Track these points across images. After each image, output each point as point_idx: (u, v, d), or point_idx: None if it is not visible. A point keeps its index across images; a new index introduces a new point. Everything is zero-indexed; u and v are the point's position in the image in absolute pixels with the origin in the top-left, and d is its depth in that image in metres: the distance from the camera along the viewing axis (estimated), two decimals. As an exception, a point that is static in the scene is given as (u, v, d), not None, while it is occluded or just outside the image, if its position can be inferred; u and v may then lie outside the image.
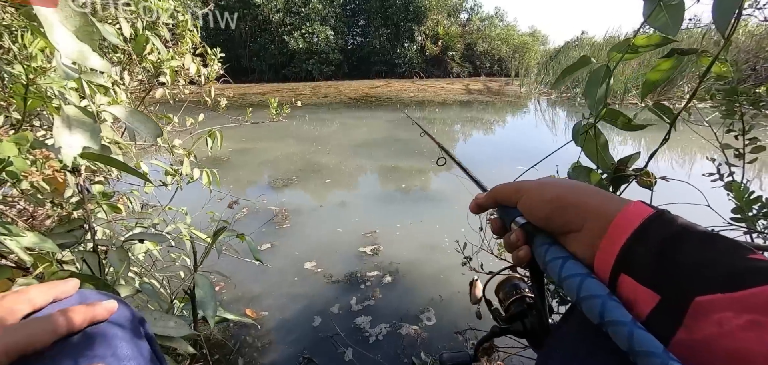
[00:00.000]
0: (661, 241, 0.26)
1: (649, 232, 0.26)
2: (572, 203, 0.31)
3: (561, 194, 0.32)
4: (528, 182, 0.35)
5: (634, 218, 0.27)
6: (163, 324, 0.41)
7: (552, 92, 9.19)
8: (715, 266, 0.23)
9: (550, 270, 0.31)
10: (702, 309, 0.22)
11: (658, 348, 0.22)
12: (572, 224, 0.31)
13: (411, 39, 16.12)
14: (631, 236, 0.27)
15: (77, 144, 0.38)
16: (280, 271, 1.71)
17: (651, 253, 0.26)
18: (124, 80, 1.31)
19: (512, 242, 0.35)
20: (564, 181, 0.34)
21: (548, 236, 0.33)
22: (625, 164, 0.53)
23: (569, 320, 0.33)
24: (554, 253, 0.31)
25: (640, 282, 0.25)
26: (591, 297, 0.26)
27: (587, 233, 0.29)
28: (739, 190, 0.72)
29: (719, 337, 0.21)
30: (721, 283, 0.22)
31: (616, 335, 0.24)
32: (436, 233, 2.05)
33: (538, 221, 0.33)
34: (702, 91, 0.86)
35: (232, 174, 3.24)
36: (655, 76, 0.48)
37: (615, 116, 0.51)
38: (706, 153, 3.44)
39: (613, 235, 0.28)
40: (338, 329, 1.33)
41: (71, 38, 0.37)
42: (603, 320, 0.25)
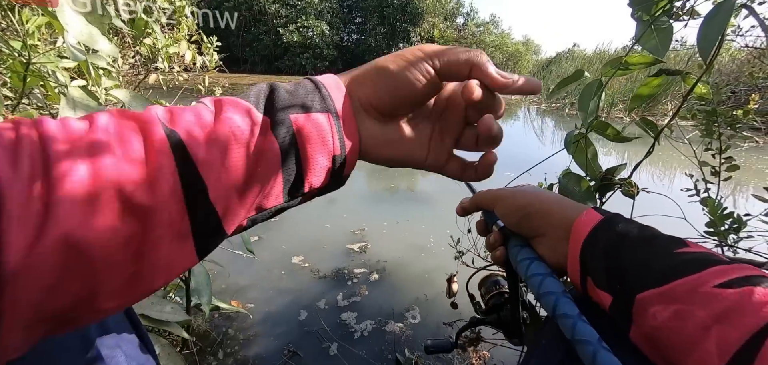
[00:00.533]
0: (607, 246, 0.28)
1: (597, 238, 0.29)
2: (538, 211, 0.35)
3: (529, 202, 0.36)
4: (504, 190, 0.39)
5: (584, 226, 0.30)
6: (159, 308, 0.42)
7: (542, 101, 9.36)
8: (651, 264, 0.26)
9: (519, 269, 0.35)
10: (642, 305, 0.25)
11: (593, 337, 0.25)
12: (538, 229, 0.34)
13: (406, 40, 16.17)
14: (583, 243, 0.30)
15: (81, 125, 0.39)
16: (267, 264, 1.71)
17: (600, 258, 0.28)
18: (118, 63, 1.30)
19: (492, 243, 0.39)
20: (533, 190, 0.38)
21: (522, 238, 0.37)
22: (613, 173, 0.56)
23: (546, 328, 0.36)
24: (524, 255, 0.35)
25: (597, 285, 0.29)
26: (548, 293, 0.30)
27: (550, 238, 0.33)
28: (714, 206, 0.77)
29: (656, 329, 0.24)
30: (655, 279, 0.25)
31: (564, 326, 0.28)
32: (423, 234, 2.08)
33: (511, 225, 0.37)
34: (684, 110, 0.91)
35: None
36: (645, 91, 0.52)
37: (604, 127, 0.54)
38: (685, 169, 3.58)
39: (573, 243, 0.31)
40: (324, 323, 1.34)
41: (81, 21, 0.38)
42: (555, 313, 0.29)
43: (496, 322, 0.45)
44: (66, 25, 0.37)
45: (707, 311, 0.22)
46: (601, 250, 0.29)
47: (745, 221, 0.77)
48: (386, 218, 2.27)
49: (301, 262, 1.74)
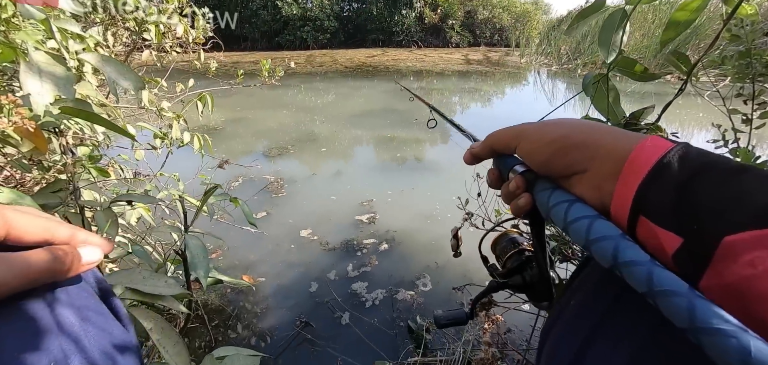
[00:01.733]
0: (683, 177, 0.23)
1: (668, 168, 0.23)
2: (577, 142, 0.28)
3: (565, 133, 0.29)
4: (528, 125, 0.32)
5: (651, 154, 0.24)
6: (152, 283, 0.40)
7: (552, 63, 9.03)
8: (745, 201, 0.21)
9: (554, 216, 0.28)
10: (732, 249, 0.20)
11: (682, 287, 0.20)
12: (576, 165, 0.28)
13: (409, 6, 15.61)
14: (648, 174, 0.24)
15: (47, 93, 0.35)
16: (276, 239, 1.71)
17: (670, 192, 0.23)
18: (108, 41, 1.25)
19: (511, 191, 0.33)
20: (568, 120, 0.31)
21: (550, 180, 0.30)
22: (638, 117, 0.50)
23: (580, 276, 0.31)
24: (559, 197, 0.28)
25: (659, 224, 0.23)
26: (603, 238, 0.24)
27: (594, 173, 0.27)
28: (746, 154, 0.71)
29: (754, 279, 0.19)
30: (753, 220, 0.20)
31: (632, 277, 0.22)
32: (432, 202, 2.05)
33: (540, 165, 0.31)
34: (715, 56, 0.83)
35: (226, 144, 3.19)
36: (682, 16, 0.45)
37: (630, 64, 0.48)
38: (710, 122, 3.43)
39: (628, 175, 0.25)
40: (335, 294, 1.34)
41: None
42: (616, 262, 0.23)
43: (520, 285, 0.39)
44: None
45: None
46: (674, 181, 0.23)
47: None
48: (394, 188, 2.24)
49: (310, 235, 1.73)
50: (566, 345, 0.28)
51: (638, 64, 0.47)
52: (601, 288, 0.28)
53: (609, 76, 0.49)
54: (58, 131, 0.65)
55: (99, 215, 0.54)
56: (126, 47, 1.44)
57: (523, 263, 0.39)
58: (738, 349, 0.17)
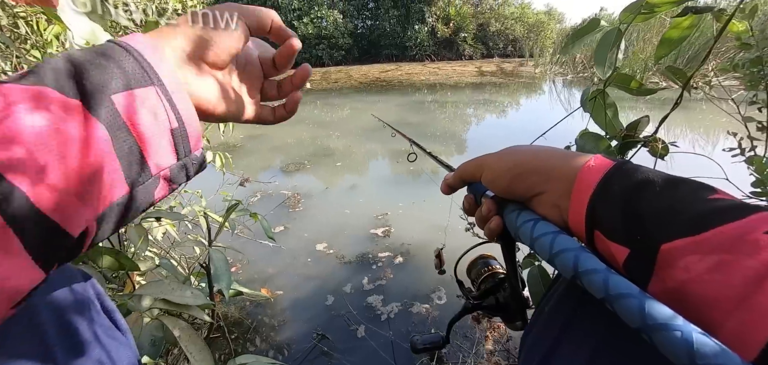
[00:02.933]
0: (623, 193, 0.25)
1: (610, 185, 0.26)
2: (532, 167, 0.31)
3: (520, 160, 0.32)
4: (488, 156, 0.35)
5: (594, 173, 0.27)
6: (180, 293, 0.43)
7: (568, 71, 8.93)
8: (678, 211, 0.23)
9: (521, 235, 0.31)
10: (669, 256, 0.22)
11: (634, 290, 0.22)
12: (535, 188, 0.31)
13: (422, 21, 15.80)
14: (594, 192, 0.26)
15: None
16: (293, 252, 1.74)
17: (615, 207, 0.25)
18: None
19: (483, 215, 0.35)
20: (522, 147, 0.34)
21: (516, 203, 0.33)
22: (634, 129, 0.51)
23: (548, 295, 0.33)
24: (525, 217, 0.31)
25: (609, 238, 0.25)
26: (564, 250, 0.26)
27: (551, 194, 0.30)
28: (761, 163, 0.70)
29: (688, 283, 0.21)
30: (685, 228, 0.22)
31: (591, 284, 0.24)
32: (446, 214, 2.05)
33: (502, 191, 0.33)
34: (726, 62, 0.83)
35: (245, 160, 3.29)
36: (674, 34, 0.46)
37: (626, 80, 0.49)
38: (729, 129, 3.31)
39: (578, 193, 0.27)
40: (351, 307, 1.36)
41: (83, 19, 0.38)
42: (577, 272, 0.25)
43: (494, 307, 0.40)
44: (69, 25, 0.38)
45: (759, 260, 0.19)
46: (616, 197, 0.25)
47: (798, 177, 0.69)
48: (408, 201, 2.26)
49: (326, 249, 1.76)
50: (538, 347, 0.31)
51: (634, 80, 0.49)
52: (566, 296, 0.30)
53: (606, 91, 0.50)
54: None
55: (131, 231, 0.58)
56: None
57: (496, 285, 0.41)
58: (683, 342, 0.19)
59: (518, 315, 0.38)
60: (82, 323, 0.31)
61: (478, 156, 0.37)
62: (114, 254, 0.47)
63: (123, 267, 0.49)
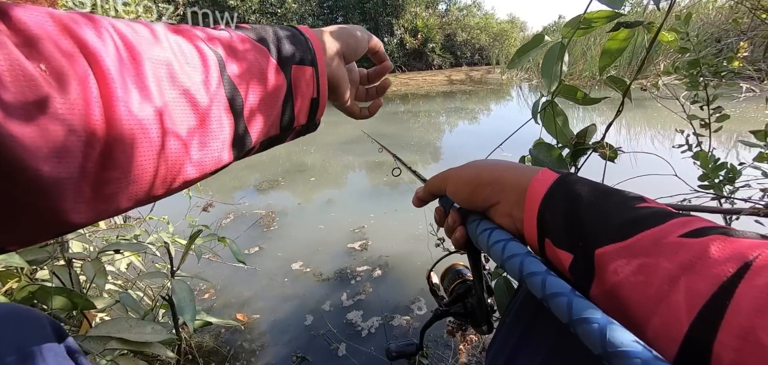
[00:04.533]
0: (564, 203, 0.27)
1: (554, 197, 0.28)
2: (487, 180, 0.34)
3: (477, 174, 0.35)
4: (451, 170, 0.38)
5: (541, 186, 0.29)
6: (138, 330, 0.41)
7: (533, 77, 9.32)
8: (609, 218, 0.25)
9: (480, 243, 0.33)
10: (602, 260, 0.24)
11: (565, 288, 0.24)
12: (491, 199, 0.33)
13: (390, 33, 16.07)
14: (541, 202, 0.29)
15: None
16: (269, 273, 1.70)
17: (559, 216, 0.27)
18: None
19: (449, 226, 0.38)
20: (481, 162, 0.37)
21: (477, 213, 0.35)
22: (583, 137, 0.54)
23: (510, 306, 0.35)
24: (483, 226, 0.33)
25: (556, 245, 0.27)
26: (512, 256, 0.28)
27: (504, 204, 0.32)
28: (706, 158, 0.75)
29: (618, 285, 0.23)
30: (615, 234, 0.24)
31: (532, 285, 0.26)
32: (423, 223, 2.06)
33: (464, 202, 0.36)
34: (668, 65, 0.89)
35: (216, 180, 3.19)
36: (613, 45, 0.50)
37: (572, 91, 0.52)
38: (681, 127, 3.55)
39: (529, 204, 0.30)
40: (330, 325, 1.34)
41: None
42: (522, 275, 0.27)
43: (461, 313, 0.42)
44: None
45: (673, 262, 0.21)
46: (559, 207, 0.28)
47: (740, 170, 0.75)
48: (385, 212, 2.26)
49: (303, 267, 1.73)
50: (500, 357, 0.32)
51: (579, 91, 0.52)
52: (525, 305, 0.32)
53: (554, 102, 0.53)
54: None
55: (87, 266, 0.54)
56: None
57: (464, 292, 0.43)
58: (598, 332, 0.21)
59: (483, 320, 0.40)
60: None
61: (444, 170, 0.39)
62: (66, 294, 0.44)
63: (76, 307, 0.46)
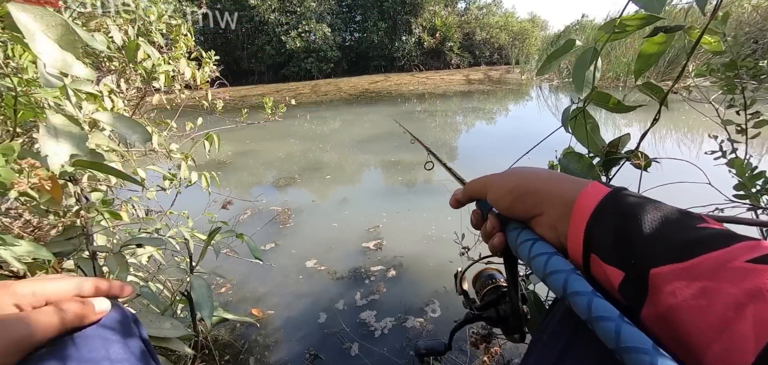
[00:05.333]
0: (617, 219, 0.26)
1: (605, 212, 0.27)
2: (530, 190, 0.33)
3: (519, 182, 0.34)
4: (493, 176, 0.37)
5: (591, 199, 0.28)
6: (158, 326, 0.41)
7: (554, 77, 9.10)
8: (666, 237, 0.24)
9: (520, 253, 0.32)
10: (657, 281, 0.23)
11: (613, 313, 0.23)
12: (534, 209, 0.32)
13: (409, 32, 16.02)
14: (590, 217, 0.28)
15: (64, 152, 0.38)
16: (285, 270, 1.72)
17: (609, 232, 0.26)
18: (121, 88, 1.32)
19: (488, 231, 0.37)
20: (524, 169, 0.36)
21: (519, 222, 0.34)
22: (616, 146, 0.52)
23: (552, 311, 0.34)
24: (524, 236, 0.32)
25: (605, 261, 0.26)
26: (556, 271, 0.28)
27: (548, 216, 0.31)
28: (742, 166, 0.71)
29: (675, 308, 0.22)
30: (673, 254, 0.23)
31: (576, 305, 0.25)
32: (439, 226, 2.04)
33: (505, 210, 0.35)
34: (701, 67, 0.85)
35: (236, 176, 3.25)
36: (650, 49, 0.47)
37: (605, 98, 0.50)
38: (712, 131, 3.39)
39: (576, 218, 0.29)
40: (344, 324, 1.34)
41: (54, 47, 0.37)
42: (565, 292, 0.26)
43: (494, 318, 0.42)
44: (39, 54, 0.37)
45: (740, 288, 0.20)
46: (610, 223, 0.26)
47: (779, 178, 0.70)
48: (401, 213, 2.25)
49: (318, 265, 1.74)
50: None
51: (612, 97, 0.49)
52: (565, 322, 0.30)
53: (585, 109, 0.50)
54: (73, 180, 0.68)
55: (110, 260, 0.56)
56: (138, 91, 1.51)
57: (498, 298, 0.42)
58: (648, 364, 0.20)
59: (516, 328, 0.40)
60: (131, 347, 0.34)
61: (485, 175, 0.39)
62: (90, 288, 0.45)
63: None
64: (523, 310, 0.39)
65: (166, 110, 1.59)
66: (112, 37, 0.86)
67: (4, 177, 0.35)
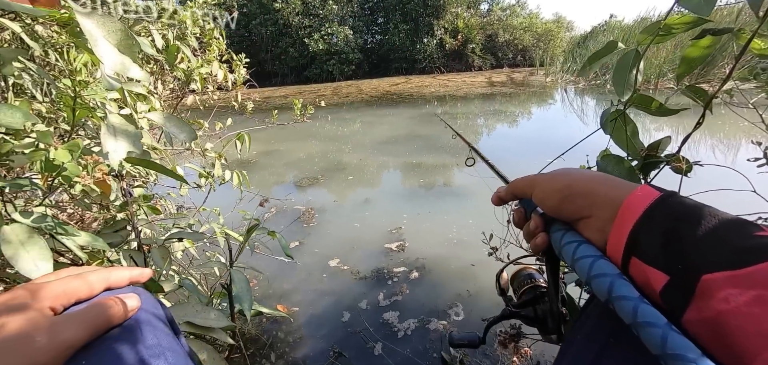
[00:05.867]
0: (668, 223, 0.26)
1: (655, 215, 0.27)
2: (580, 191, 0.32)
3: (569, 183, 0.33)
4: (539, 176, 0.37)
5: (640, 202, 0.28)
6: (204, 316, 0.44)
7: (580, 79, 8.84)
8: (721, 244, 0.24)
9: (564, 254, 0.32)
10: (709, 286, 0.23)
11: (660, 320, 0.23)
12: (582, 211, 0.32)
13: (430, 34, 15.96)
14: (638, 220, 0.27)
15: (122, 149, 0.41)
16: (309, 268, 1.75)
17: (658, 235, 0.26)
18: (158, 89, 1.38)
19: (531, 230, 0.37)
20: (573, 171, 0.36)
21: (564, 223, 0.34)
22: (655, 149, 0.51)
23: (588, 309, 0.33)
24: (569, 238, 0.32)
25: (649, 264, 0.26)
26: (601, 275, 0.27)
27: (597, 219, 0.31)
28: (792, 172, 0.67)
29: (726, 314, 0.22)
30: (727, 261, 0.23)
31: (621, 309, 0.25)
32: (462, 228, 2.03)
33: (551, 210, 0.35)
34: (744, 71, 0.81)
35: (260, 175, 3.34)
36: (694, 53, 0.46)
37: (646, 101, 0.49)
38: (752, 137, 3.21)
39: (621, 220, 0.28)
40: (367, 324, 1.35)
41: (114, 52, 0.40)
42: (610, 296, 0.26)
43: (531, 317, 0.42)
44: (101, 57, 0.39)
45: None
46: (660, 227, 0.26)
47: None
48: (423, 215, 2.25)
49: (341, 264, 1.76)
50: None
51: (654, 100, 0.48)
52: (601, 324, 0.31)
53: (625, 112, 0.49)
54: (119, 176, 0.72)
55: (154, 252, 0.59)
56: (172, 92, 1.58)
57: (536, 297, 0.43)
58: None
59: (555, 328, 0.40)
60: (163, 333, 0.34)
61: (530, 174, 0.39)
62: (140, 277, 0.48)
63: (149, 290, 0.50)
64: (562, 311, 0.38)
65: (199, 111, 1.66)
66: (154, 41, 0.91)
67: (71, 172, 0.37)
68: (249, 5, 15.25)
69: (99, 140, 0.76)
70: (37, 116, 0.70)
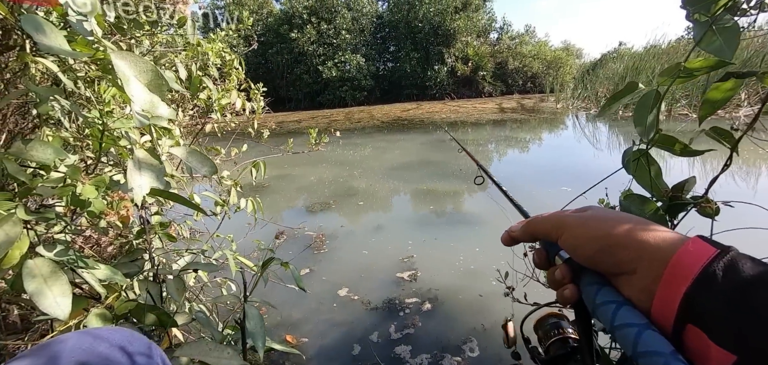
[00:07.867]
0: (732, 289, 0.22)
1: (714, 277, 0.23)
2: (623, 243, 0.27)
3: (609, 231, 0.28)
4: (569, 217, 0.31)
5: (694, 260, 0.24)
6: (217, 354, 0.43)
7: (591, 106, 8.82)
8: None
9: (600, 315, 0.27)
10: None
11: None
12: (623, 266, 0.27)
13: (441, 61, 16.25)
14: (693, 282, 0.23)
15: (146, 184, 0.41)
16: (319, 297, 1.72)
17: (721, 304, 0.22)
18: (178, 116, 1.42)
19: (557, 279, 0.31)
20: (609, 214, 0.30)
21: (598, 275, 0.29)
22: (681, 190, 0.49)
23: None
24: (606, 296, 0.27)
25: (714, 340, 0.22)
26: (653, 353, 0.23)
27: (641, 276, 0.26)
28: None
29: None
30: None
31: None
32: (476, 258, 1.99)
33: (585, 260, 0.29)
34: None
35: (272, 198, 3.36)
36: (716, 95, 0.45)
37: (670, 142, 0.47)
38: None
39: (671, 280, 0.24)
40: (378, 358, 1.31)
41: (144, 90, 0.41)
42: None
43: None
44: (132, 96, 0.40)
45: None
46: (723, 294, 0.22)
47: None
48: (436, 243, 2.21)
49: (352, 293, 1.73)
50: None
51: (678, 141, 0.47)
52: None
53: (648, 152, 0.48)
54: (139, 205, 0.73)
55: (170, 284, 0.59)
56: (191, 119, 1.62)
57: (567, 354, 0.37)
58: None
59: None
60: None
61: (555, 212, 0.33)
62: (156, 311, 0.48)
63: (163, 324, 0.50)
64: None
65: (215, 136, 1.69)
66: (178, 72, 0.94)
67: (97, 208, 0.38)
68: (267, 35, 15.87)
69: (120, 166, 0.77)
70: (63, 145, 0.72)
